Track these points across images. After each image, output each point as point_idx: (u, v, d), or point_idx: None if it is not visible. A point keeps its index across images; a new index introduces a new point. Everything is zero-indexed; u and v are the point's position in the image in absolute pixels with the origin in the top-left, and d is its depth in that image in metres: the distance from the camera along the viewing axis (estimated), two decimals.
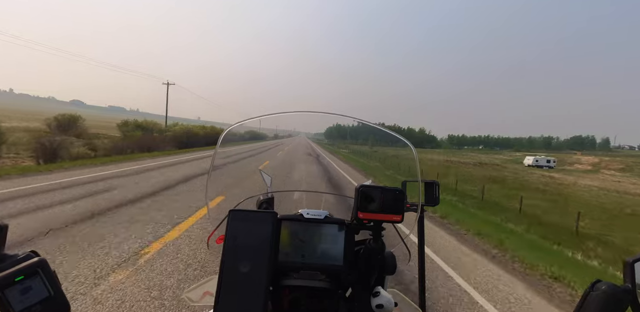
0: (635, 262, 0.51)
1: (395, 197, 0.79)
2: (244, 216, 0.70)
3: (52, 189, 6.92)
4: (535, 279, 4.15)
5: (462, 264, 4.44)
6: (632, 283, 0.51)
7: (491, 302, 3.32)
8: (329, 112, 0.98)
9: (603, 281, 0.52)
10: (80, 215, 5.08)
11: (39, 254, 0.52)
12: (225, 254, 0.66)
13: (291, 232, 0.82)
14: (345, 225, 0.83)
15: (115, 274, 3.19)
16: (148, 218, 5.16)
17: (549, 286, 3.98)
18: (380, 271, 0.84)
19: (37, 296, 0.48)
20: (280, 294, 0.80)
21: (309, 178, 9.90)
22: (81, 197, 6.25)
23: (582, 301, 0.52)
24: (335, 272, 0.81)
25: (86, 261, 3.45)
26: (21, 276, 0.47)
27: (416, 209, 0.94)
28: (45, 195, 6.30)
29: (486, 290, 3.63)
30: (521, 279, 4.10)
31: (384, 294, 0.78)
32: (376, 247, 0.81)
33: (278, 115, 0.99)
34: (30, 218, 4.76)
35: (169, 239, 4.27)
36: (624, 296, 0.50)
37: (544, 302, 3.51)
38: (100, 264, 3.38)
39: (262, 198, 1.03)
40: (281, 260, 0.79)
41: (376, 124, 1.05)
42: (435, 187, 1.03)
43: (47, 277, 0.50)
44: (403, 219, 0.80)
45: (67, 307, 0.51)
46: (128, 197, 6.46)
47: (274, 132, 62.00)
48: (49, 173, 9.09)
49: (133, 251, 3.80)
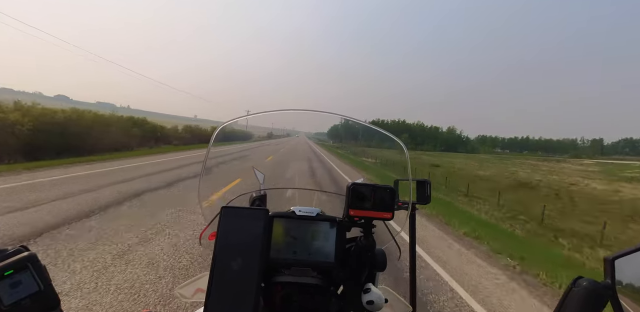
0: (615, 259, 0.53)
1: (386, 195, 0.80)
2: (236, 213, 0.70)
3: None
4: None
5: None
6: (612, 279, 0.52)
7: None
8: (323, 111, 0.99)
9: (584, 278, 0.54)
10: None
11: (29, 249, 0.52)
12: (216, 250, 0.66)
13: (283, 229, 0.82)
14: (336, 222, 0.84)
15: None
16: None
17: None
18: (371, 267, 0.85)
19: (26, 290, 0.48)
20: (271, 290, 0.81)
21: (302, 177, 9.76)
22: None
23: (565, 296, 0.54)
24: (327, 269, 0.82)
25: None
26: (10, 270, 0.48)
27: (407, 207, 0.96)
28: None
29: None
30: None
31: (375, 291, 0.80)
32: (367, 244, 0.82)
33: (274, 113, 0.99)
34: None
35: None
36: (605, 291, 0.51)
37: None
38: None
39: (254, 195, 1.03)
40: (273, 257, 0.80)
41: (368, 123, 1.06)
42: (427, 186, 1.04)
43: (37, 271, 0.50)
44: (393, 217, 0.81)
45: (56, 301, 0.51)
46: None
47: (268, 130, 60.09)
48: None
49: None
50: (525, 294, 3.78)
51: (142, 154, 16.67)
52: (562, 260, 6.17)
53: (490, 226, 8.68)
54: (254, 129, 63.33)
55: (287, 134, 46.08)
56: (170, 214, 5.52)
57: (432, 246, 5.32)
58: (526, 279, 4.24)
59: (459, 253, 5.12)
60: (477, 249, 5.42)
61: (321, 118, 1.03)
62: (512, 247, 5.77)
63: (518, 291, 3.86)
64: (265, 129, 72.14)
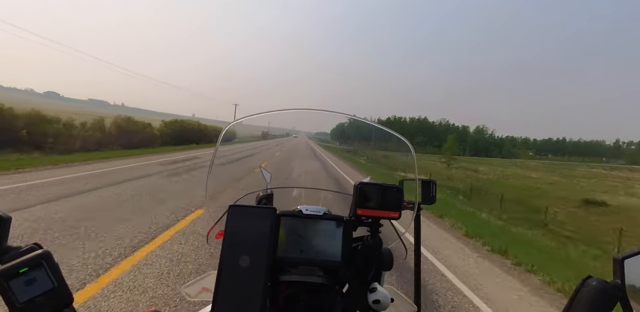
0: (625, 259, 0.53)
1: (393, 195, 0.80)
2: (243, 211, 0.70)
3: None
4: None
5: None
6: (622, 280, 0.53)
7: None
8: (326, 110, 0.98)
9: (594, 277, 0.54)
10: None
11: (42, 246, 0.52)
12: (224, 249, 0.66)
13: (290, 228, 0.82)
14: (343, 221, 0.84)
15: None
16: None
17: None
18: (377, 267, 0.85)
19: (41, 287, 0.48)
20: (277, 289, 0.81)
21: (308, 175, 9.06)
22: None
23: (574, 296, 0.54)
24: (333, 268, 0.82)
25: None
26: (25, 268, 0.48)
27: (413, 207, 0.96)
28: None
29: None
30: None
31: (381, 290, 0.80)
32: (374, 243, 0.82)
33: (275, 113, 0.99)
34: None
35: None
36: (614, 292, 0.51)
37: None
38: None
39: (261, 194, 1.03)
40: (279, 255, 0.80)
41: (374, 122, 1.06)
42: (433, 186, 1.05)
43: (51, 269, 0.50)
44: (400, 216, 0.82)
45: (70, 298, 0.52)
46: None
47: (264, 130, 57.80)
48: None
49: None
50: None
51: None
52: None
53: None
54: (247, 128, 61.24)
55: (286, 133, 43.44)
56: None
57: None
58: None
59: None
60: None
61: (322, 117, 1.01)
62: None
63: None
64: (259, 127, 69.82)
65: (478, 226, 7.42)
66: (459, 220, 7.42)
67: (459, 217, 7.81)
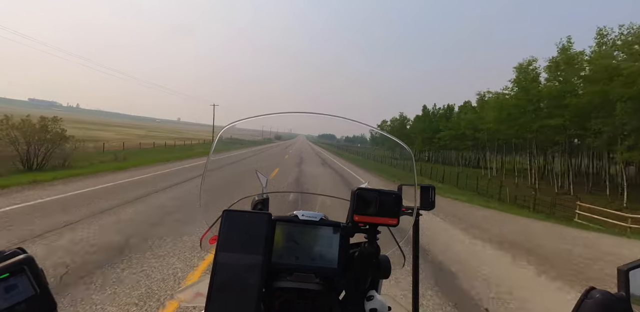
0: (629, 271, 0.52)
1: (392, 201, 0.78)
2: (238, 216, 0.69)
3: None
4: None
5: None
6: (627, 291, 0.52)
7: None
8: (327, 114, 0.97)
9: (597, 289, 0.52)
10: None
11: (27, 251, 0.49)
12: (217, 254, 0.65)
13: (285, 233, 0.81)
14: (340, 227, 0.82)
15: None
16: None
17: None
18: (375, 274, 0.83)
19: (22, 294, 0.46)
20: (272, 295, 0.79)
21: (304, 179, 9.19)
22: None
23: (577, 308, 0.52)
24: (329, 275, 0.80)
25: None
26: (6, 274, 0.46)
27: (411, 213, 0.95)
28: None
29: None
30: None
31: (378, 298, 0.78)
32: (371, 250, 0.80)
33: (276, 115, 0.97)
34: None
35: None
36: (618, 304, 0.50)
37: None
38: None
39: (257, 199, 1.01)
40: (274, 261, 0.78)
41: (374, 127, 1.05)
42: (431, 192, 1.03)
43: (34, 275, 0.48)
44: (399, 223, 0.80)
45: (53, 306, 0.49)
46: None
47: (259, 134, 56.52)
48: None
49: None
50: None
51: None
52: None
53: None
54: (242, 131, 60.13)
55: (281, 137, 43.02)
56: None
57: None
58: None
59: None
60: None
61: (323, 122, 1.00)
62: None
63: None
64: (255, 131, 68.63)
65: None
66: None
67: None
